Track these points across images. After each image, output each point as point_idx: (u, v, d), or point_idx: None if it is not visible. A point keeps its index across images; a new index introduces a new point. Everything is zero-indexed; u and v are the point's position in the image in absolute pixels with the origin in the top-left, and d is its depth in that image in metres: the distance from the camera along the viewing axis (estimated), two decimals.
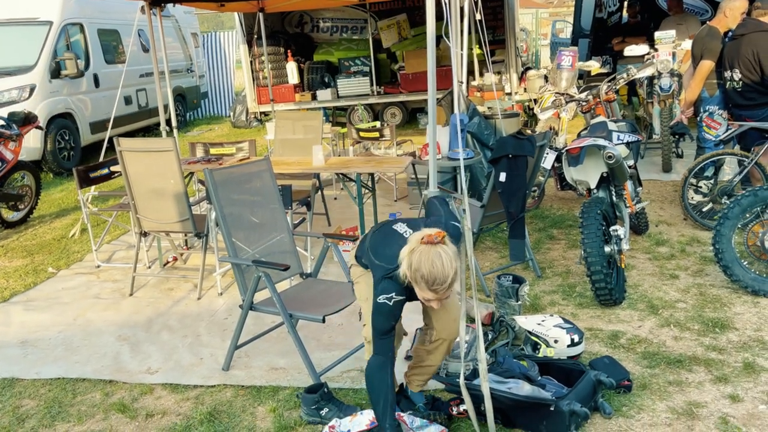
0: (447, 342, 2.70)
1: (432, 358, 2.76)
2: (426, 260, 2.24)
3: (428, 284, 2.26)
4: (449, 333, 2.67)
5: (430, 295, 2.31)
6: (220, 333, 3.81)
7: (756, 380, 2.96)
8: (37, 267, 5.19)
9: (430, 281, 2.26)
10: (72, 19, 9.63)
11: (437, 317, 2.67)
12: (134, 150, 4.24)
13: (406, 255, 2.31)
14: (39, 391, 3.29)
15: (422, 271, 2.25)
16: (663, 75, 6.60)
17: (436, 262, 2.24)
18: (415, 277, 2.28)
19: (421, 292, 2.32)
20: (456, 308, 2.68)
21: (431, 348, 2.73)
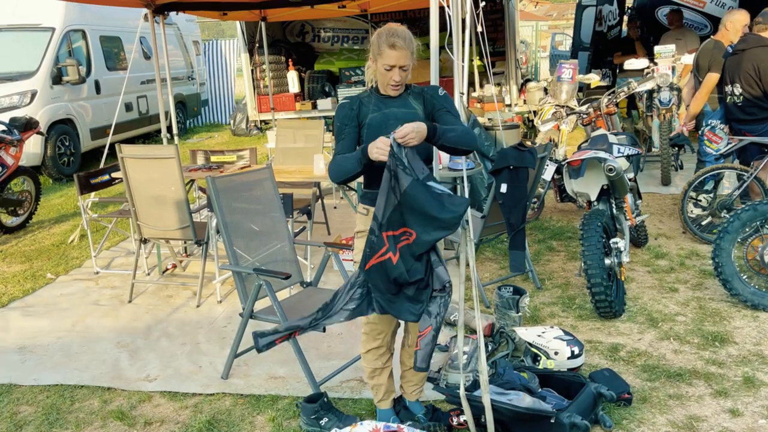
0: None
1: (413, 361, 2.77)
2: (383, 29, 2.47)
3: (387, 43, 2.41)
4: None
5: (390, 56, 2.41)
6: (219, 341, 3.80)
7: (756, 394, 2.96)
8: (35, 273, 5.18)
9: (390, 38, 2.41)
10: (74, 26, 9.66)
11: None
12: (136, 157, 4.25)
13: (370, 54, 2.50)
14: (37, 397, 3.27)
15: (381, 36, 2.43)
16: (662, 89, 6.64)
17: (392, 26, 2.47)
18: (377, 46, 2.44)
19: (384, 58, 2.43)
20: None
21: (411, 351, 2.78)
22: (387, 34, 2.44)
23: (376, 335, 2.66)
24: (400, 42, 2.43)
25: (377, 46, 2.46)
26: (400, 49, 2.42)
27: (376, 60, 2.49)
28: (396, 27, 2.47)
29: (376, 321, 2.64)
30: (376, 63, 2.49)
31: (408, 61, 2.46)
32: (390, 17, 10.78)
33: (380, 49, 2.44)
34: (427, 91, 2.60)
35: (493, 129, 6.17)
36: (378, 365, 2.72)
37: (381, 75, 2.50)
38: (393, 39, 2.43)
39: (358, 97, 2.58)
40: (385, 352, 2.71)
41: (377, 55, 2.47)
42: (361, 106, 2.54)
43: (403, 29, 2.47)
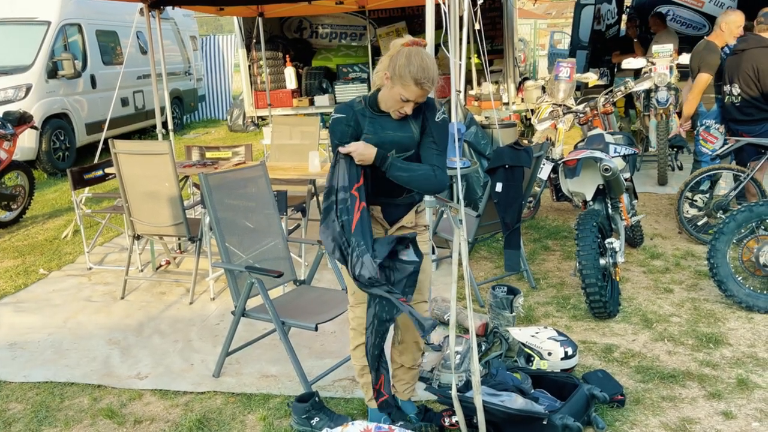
0: (411, 343, 2.75)
1: (404, 359, 2.80)
2: (415, 56, 2.33)
3: (415, 78, 2.31)
4: (412, 335, 2.73)
5: (413, 92, 2.34)
6: (212, 338, 3.77)
7: (749, 397, 2.95)
8: (28, 268, 5.15)
9: (420, 74, 2.31)
10: (70, 20, 9.61)
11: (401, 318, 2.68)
12: (129, 152, 4.21)
13: (387, 60, 2.38)
14: (26, 394, 3.25)
15: (412, 66, 2.31)
16: (660, 88, 6.62)
17: (425, 58, 2.34)
18: (402, 73, 2.32)
19: (404, 90, 2.34)
20: (421, 311, 2.71)
21: (401, 348, 2.78)
22: (418, 68, 2.31)
23: (363, 330, 2.64)
24: (429, 84, 2.34)
25: (402, 74, 2.32)
26: (424, 90, 2.34)
27: (394, 81, 2.36)
28: (428, 61, 2.35)
29: (362, 315, 2.62)
30: (393, 84, 2.36)
31: (425, 98, 2.39)
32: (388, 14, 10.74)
33: (405, 79, 2.32)
34: (426, 110, 2.51)
35: (490, 127, 6.14)
36: (366, 362, 2.70)
37: (392, 99, 2.40)
38: (422, 77, 2.32)
39: (353, 109, 2.47)
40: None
41: (398, 81, 2.34)
42: (357, 122, 2.45)
43: (434, 65, 2.36)
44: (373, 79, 2.49)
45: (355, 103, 2.50)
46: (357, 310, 2.64)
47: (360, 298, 2.62)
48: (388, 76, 2.37)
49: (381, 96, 2.46)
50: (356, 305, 2.65)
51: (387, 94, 2.41)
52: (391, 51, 2.41)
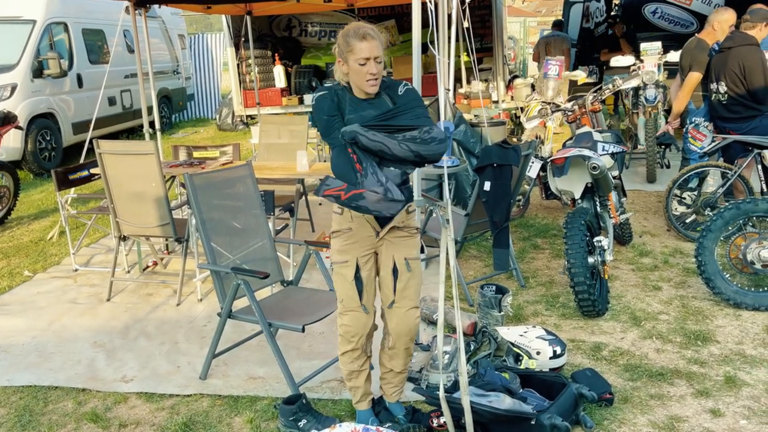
0: (402, 349, 2.72)
1: (394, 363, 2.76)
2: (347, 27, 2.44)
3: (358, 36, 2.37)
4: (403, 342, 2.69)
5: (362, 49, 2.37)
6: (199, 340, 3.74)
7: (737, 394, 2.95)
8: (12, 270, 5.08)
9: (356, 31, 2.38)
10: (56, 18, 9.51)
11: (393, 324, 2.66)
12: (114, 152, 4.17)
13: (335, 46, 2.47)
14: (10, 398, 3.20)
15: (348, 30, 2.40)
16: (648, 86, 6.64)
17: (355, 24, 2.45)
18: (343, 44, 2.40)
19: (355, 53, 2.38)
20: (412, 318, 2.66)
21: (391, 354, 2.74)
22: (354, 29, 2.41)
23: (350, 337, 2.62)
24: (370, 32, 2.39)
25: (345, 44, 2.40)
26: (371, 39, 2.38)
27: (346, 60, 2.42)
28: (359, 22, 2.44)
29: (350, 323, 2.59)
30: (347, 62, 2.42)
31: (380, 51, 2.41)
32: (377, 12, 10.71)
33: (350, 45, 2.39)
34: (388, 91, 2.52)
35: (479, 126, 6.13)
36: (354, 368, 2.67)
37: (355, 73, 2.42)
38: (362, 31, 2.39)
39: (334, 89, 2.50)
40: (361, 355, 2.67)
41: (347, 53, 2.40)
42: (339, 99, 2.47)
43: (366, 24, 2.44)
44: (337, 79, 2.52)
45: (333, 84, 2.53)
46: (345, 318, 2.61)
47: (348, 306, 2.59)
48: (341, 60, 2.44)
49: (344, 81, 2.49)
50: (345, 312, 2.61)
51: (351, 75, 2.44)
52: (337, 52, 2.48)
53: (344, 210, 2.52)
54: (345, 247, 2.56)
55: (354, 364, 2.66)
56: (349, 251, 2.55)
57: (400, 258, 2.61)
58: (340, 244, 2.56)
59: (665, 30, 9.98)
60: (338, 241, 2.56)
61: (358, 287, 2.56)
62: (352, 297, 2.57)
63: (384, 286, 2.64)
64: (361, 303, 2.58)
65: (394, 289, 2.62)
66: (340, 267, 2.57)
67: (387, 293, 2.64)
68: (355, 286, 2.55)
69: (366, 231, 2.56)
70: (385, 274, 2.62)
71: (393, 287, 2.62)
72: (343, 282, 2.57)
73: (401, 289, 2.62)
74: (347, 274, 2.56)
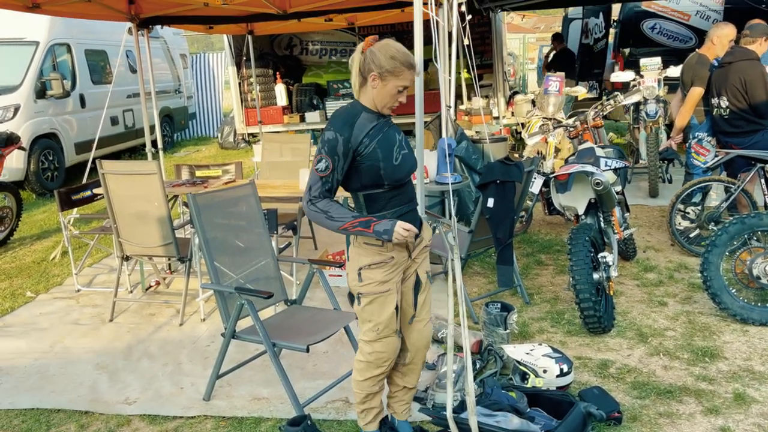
0: (419, 364, 2.71)
1: (407, 380, 2.74)
2: (389, 47, 2.34)
3: (407, 63, 2.35)
4: (421, 356, 2.69)
5: (407, 77, 2.36)
6: (202, 361, 3.71)
7: (747, 412, 2.91)
8: (15, 291, 5.07)
9: (406, 58, 2.34)
10: (59, 40, 9.58)
11: (413, 339, 2.64)
12: (117, 173, 4.17)
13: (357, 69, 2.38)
14: (12, 422, 3.17)
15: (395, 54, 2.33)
16: (649, 101, 6.66)
17: (398, 45, 2.36)
18: (391, 66, 2.33)
19: (399, 79, 2.35)
20: (429, 331, 2.66)
21: (405, 371, 2.71)
22: (402, 54, 2.34)
23: (382, 363, 2.55)
24: (415, 64, 2.38)
25: (391, 66, 2.33)
26: (415, 69, 2.38)
27: (385, 79, 2.35)
28: (399, 45, 2.37)
29: (384, 349, 2.53)
30: (386, 81, 2.36)
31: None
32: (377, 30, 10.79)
33: (398, 69, 2.33)
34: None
35: (480, 142, 6.14)
36: (374, 390, 2.63)
37: (387, 95, 2.38)
38: (410, 59, 2.35)
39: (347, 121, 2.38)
40: (384, 378, 2.63)
41: (390, 75, 2.34)
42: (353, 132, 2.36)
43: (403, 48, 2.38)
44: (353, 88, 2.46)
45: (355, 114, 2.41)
46: (378, 345, 2.52)
47: (385, 333, 2.51)
48: (376, 76, 2.36)
49: (368, 101, 2.43)
50: (379, 339, 2.52)
51: (380, 92, 2.39)
52: (356, 62, 2.40)
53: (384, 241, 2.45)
54: (387, 277, 2.47)
55: (375, 386, 2.61)
56: (391, 279, 2.48)
57: (422, 271, 2.61)
58: (383, 274, 2.46)
59: (664, 45, 10.05)
60: (380, 272, 2.46)
61: (396, 313, 2.52)
62: (390, 324, 2.50)
63: (404, 302, 2.61)
64: (396, 328, 2.54)
65: (415, 304, 2.61)
66: (381, 296, 2.48)
67: (407, 309, 2.61)
68: (395, 314, 2.51)
69: (403, 255, 2.52)
70: (407, 289, 2.59)
71: (414, 302, 2.61)
72: (383, 311, 2.48)
73: (422, 303, 2.62)
74: (390, 303, 2.48)
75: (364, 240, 2.46)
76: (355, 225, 2.35)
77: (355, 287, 2.51)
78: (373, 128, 2.42)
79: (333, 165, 2.35)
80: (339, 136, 2.35)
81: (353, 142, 2.36)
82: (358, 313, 2.55)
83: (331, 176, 2.36)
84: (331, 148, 2.35)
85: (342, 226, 2.35)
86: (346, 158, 2.36)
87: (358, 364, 2.60)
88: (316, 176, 2.37)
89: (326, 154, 2.35)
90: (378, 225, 2.36)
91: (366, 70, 2.37)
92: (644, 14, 10.25)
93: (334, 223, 2.36)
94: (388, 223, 2.36)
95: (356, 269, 2.48)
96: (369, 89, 2.40)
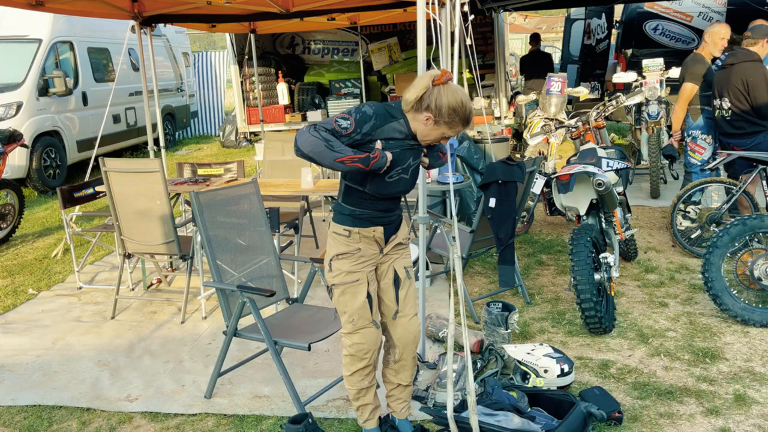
0: (409, 360, 2.72)
1: (401, 377, 2.76)
2: (455, 95, 2.34)
3: (464, 120, 2.39)
4: (410, 352, 2.71)
5: (457, 131, 2.41)
6: (204, 359, 3.72)
7: (747, 413, 2.92)
8: (17, 288, 5.08)
9: (466, 114, 2.38)
10: (62, 37, 9.59)
11: (398, 334, 2.67)
12: (119, 170, 4.18)
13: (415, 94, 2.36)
14: (14, 418, 3.18)
15: (458, 107, 2.35)
16: (651, 102, 6.66)
17: (462, 96, 2.36)
18: (450, 118, 2.36)
19: (451, 129, 2.39)
20: (415, 326, 2.68)
21: (397, 367, 2.74)
22: (465, 111, 2.37)
23: (363, 355, 2.60)
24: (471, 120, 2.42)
25: (451, 119, 2.35)
26: (465, 127, 2.42)
27: (439, 124, 2.37)
28: (465, 97, 2.37)
29: (362, 340, 2.58)
30: (438, 126, 2.38)
31: None
32: (380, 29, 10.80)
33: (453, 122, 2.37)
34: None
35: (482, 142, 6.15)
36: (364, 385, 2.65)
37: (429, 134, 2.41)
38: (469, 115, 2.39)
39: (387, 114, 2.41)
40: (371, 371, 2.66)
41: (443, 122, 2.36)
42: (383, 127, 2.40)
43: (467, 97, 2.39)
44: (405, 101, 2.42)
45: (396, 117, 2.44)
46: (356, 336, 2.58)
47: (360, 324, 2.57)
48: (431, 118, 2.37)
49: (413, 122, 2.43)
50: (356, 331, 2.58)
51: (428, 131, 2.41)
52: (419, 87, 2.36)
53: (351, 232, 2.53)
54: (355, 267, 2.55)
55: (364, 381, 2.64)
56: (359, 270, 2.55)
57: (400, 267, 2.65)
58: (350, 265, 2.55)
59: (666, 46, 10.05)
60: (347, 263, 2.55)
61: (369, 303, 2.57)
62: (364, 315, 2.56)
63: (386, 298, 2.66)
64: (372, 318, 2.58)
65: (397, 299, 2.65)
66: (350, 287, 2.55)
67: (389, 305, 2.66)
68: (368, 304, 2.56)
69: (372, 249, 2.58)
70: (386, 285, 2.65)
71: (395, 297, 2.64)
72: (355, 301, 2.55)
73: (403, 298, 2.66)
74: (360, 293, 2.55)
75: (333, 229, 2.56)
76: (354, 160, 2.32)
77: (328, 279, 2.60)
78: (395, 140, 2.43)
79: (351, 131, 2.35)
80: (374, 119, 2.38)
81: (375, 134, 2.39)
82: (335, 306, 2.62)
83: (342, 137, 2.34)
84: (360, 120, 2.36)
85: (340, 158, 2.29)
86: (363, 137, 2.37)
87: (344, 359, 2.66)
88: (332, 125, 2.33)
89: (354, 119, 2.35)
90: (376, 162, 2.36)
91: (425, 103, 2.36)
92: (647, 15, 10.24)
93: (332, 154, 2.28)
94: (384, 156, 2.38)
95: (329, 260, 2.58)
96: (420, 119, 2.41)
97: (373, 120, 2.37)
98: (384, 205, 2.54)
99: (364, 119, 2.36)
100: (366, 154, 2.34)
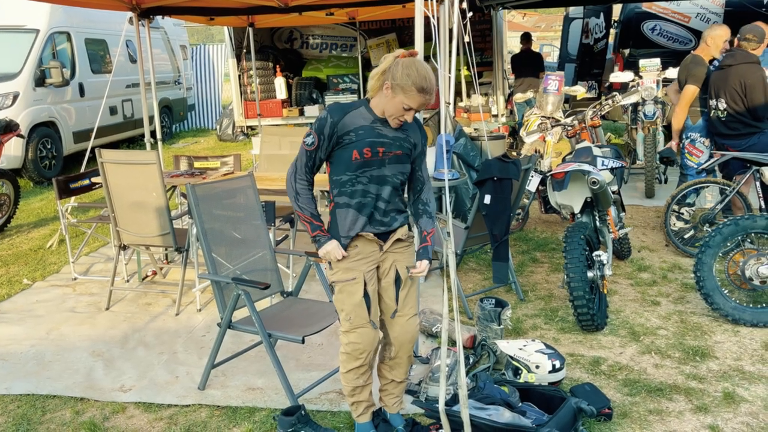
0: (404, 358, 2.74)
1: (395, 373, 2.78)
2: (414, 65, 2.38)
3: (418, 86, 2.37)
4: (406, 351, 2.72)
5: (415, 100, 2.39)
6: (198, 350, 3.73)
7: (736, 411, 2.95)
8: (12, 278, 5.08)
9: (422, 82, 2.37)
10: (59, 28, 9.56)
11: (395, 333, 2.68)
12: (116, 162, 4.18)
13: (380, 71, 2.42)
14: (8, 407, 3.19)
15: (413, 75, 2.36)
16: (647, 102, 6.69)
17: (424, 67, 2.39)
18: (404, 82, 2.37)
19: (407, 98, 2.39)
20: (413, 326, 2.69)
21: (392, 364, 2.75)
22: (420, 77, 2.36)
23: (359, 354, 2.60)
24: (430, 90, 2.40)
25: (404, 83, 2.36)
26: (426, 97, 2.40)
27: (395, 91, 2.39)
28: (427, 70, 2.39)
29: (358, 340, 2.58)
30: (395, 94, 2.40)
31: (426, 105, 2.45)
32: (378, 25, 10.79)
33: (407, 87, 2.37)
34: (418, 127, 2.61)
35: (479, 139, 6.16)
36: (359, 383, 2.67)
37: (393, 107, 2.43)
38: (425, 85, 2.37)
39: (345, 112, 2.47)
40: (367, 370, 2.66)
41: (400, 90, 2.38)
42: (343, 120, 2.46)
43: (431, 73, 2.40)
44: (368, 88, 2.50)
45: (354, 105, 2.51)
46: (352, 335, 2.58)
47: (357, 323, 2.57)
48: (389, 86, 2.40)
49: (377, 104, 2.48)
50: (352, 330, 2.58)
51: (387, 102, 2.44)
52: (384, 63, 2.43)
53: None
54: (352, 265, 2.56)
55: (359, 379, 2.65)
56: (356, 268, 2.56)
57: (402, 267, 2.64)
58: (347, 263, 2.56)
59: (664, 47, 10.09)
60: (345, 261, 2.55)
61: (366, 303, 2.56)
62: (360, 314, 2.56)
63: (386, 296, 2.66)
64: (370, 319, 2.58)
65: (397, 299, 2.64)
66: (347, 285, 2.56)
67: (389, 303, 2.66)
68: (364, 303, 2.56)
69: (371, 247, 2.59)
70: (387, 284, 2.64)
71: (395, 296, 2.64)
72: (351, 299, 2.56)
73: (404, 297, 2.66)
74: (356, 291, 2.55)
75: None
76: (306, 219, 2.54)
77: (329, 276, 2.64)
78: (363, 127, 2.47)
79: (318, 143, 2.47)
80: (329, 118, 2.45)
81: (339, 128, 2.45)
82: (335, 304, 2.65)
83: (314, 153, 2.50)
84: (319, 127, 2.47)
85: (299, 212, 2.57)
86: (329, 140, 2.46)
87: (340, 356, 2.66)
88: (303, 149, 2.52)
89: (314, 130, 2.47)
90: (321, 236, 2.54)
91: (387, 76, 2.42)
92: (645, 15, 10.28)
93: (295, 204, 2.56)
94: (326, 240, 2.53)
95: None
96: (382, 94, 2.45)
97: (329, 119, 2.45)
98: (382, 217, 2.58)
99: (322, 124, 2.46)
100: (319, 226, 2.54)
